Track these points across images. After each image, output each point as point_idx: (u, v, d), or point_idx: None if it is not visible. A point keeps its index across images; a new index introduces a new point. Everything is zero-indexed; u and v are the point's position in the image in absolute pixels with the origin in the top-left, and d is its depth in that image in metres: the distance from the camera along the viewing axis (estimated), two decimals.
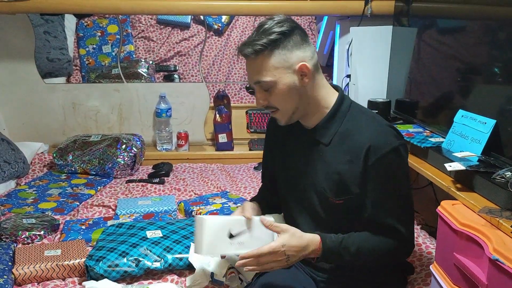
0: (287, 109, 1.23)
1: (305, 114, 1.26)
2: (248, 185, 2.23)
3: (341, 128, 1.25)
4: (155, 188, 2.22)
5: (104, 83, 2.91)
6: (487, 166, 1.29)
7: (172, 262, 1.47)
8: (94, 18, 3.25)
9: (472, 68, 1.70)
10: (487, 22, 1.58)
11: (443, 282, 1.21)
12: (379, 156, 1.18)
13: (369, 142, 1.19)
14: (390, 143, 1.20)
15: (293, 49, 1.19)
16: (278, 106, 1.23)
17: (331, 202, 1.25)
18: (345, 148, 1.23)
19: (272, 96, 1.21)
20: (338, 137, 1.24)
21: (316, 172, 1.27)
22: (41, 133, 2.69)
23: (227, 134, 2.67)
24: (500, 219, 1.09)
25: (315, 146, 1.28)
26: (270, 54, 1.18)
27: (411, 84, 2.13)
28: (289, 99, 1.22)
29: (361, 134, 1.21)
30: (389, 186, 1.21)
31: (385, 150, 1.18)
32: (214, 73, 3.32)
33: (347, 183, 1.22)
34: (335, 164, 1.23)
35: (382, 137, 1.20)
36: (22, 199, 2.05)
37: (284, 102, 1.22)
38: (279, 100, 1.22)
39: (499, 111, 1.45)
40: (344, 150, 1.23)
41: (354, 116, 1.26)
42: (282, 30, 1.18)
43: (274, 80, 1.19)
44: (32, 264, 1.44)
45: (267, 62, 1.18)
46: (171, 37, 3.31)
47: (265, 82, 1.20)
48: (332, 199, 1.25)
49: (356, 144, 1.21)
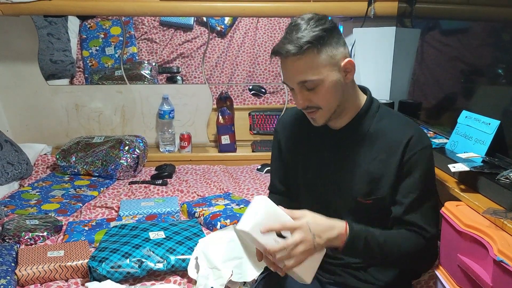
0: (330, 108, 1.20)
1: (340, 113, 1.24)
2: (251, 187, 2.23)
3: (372, 128, 1.24)
4: (158, 189, 2.22)
5: (107, 84, 2.92)
6: (491, 167, 1.28)
7: (175, 263, 1.47)
8: (97, 20, 3.26)
9: (475, 69, 1.69)
10: (491, 24, 1.58)
11: (447, 284, 1.20)
12: (416, 151, 1.20)
13: (407, 138, 1.20)
14: (426, 141, 1.23)
15: (337, 46, 1.17)
16: (322, 105, 1.19)
17: (360, 202, 1.23)
18: (378, 147, 1.23)
19: (317, 95, 1.17)
20: (369, 136, 1.24)
21: (344, 173, 1.25)
22: (44, 134, 2.69)
23: (230, 135, 2.67)
24: (505, 220, 1.09)
25: (343, 147, 1.26)
26: (317, 52, 1.13)
27: (415, 85, 2.12)
28: (333, 97, 1.18)
29: (397, 132, 1.22)
30: (421, 184, 1.21)
31: (422, 146, 1.20)
32: (217, 74, 3.33)
33: (379, 182, 1.22)
34: (366, 163, 1.23)
35: (419, 134, 1.22)
36: (25, 200, 2.06)
37: (328, 101, 1.18)
38: (323, 99, 1.18)
39: (503, 112, 1.44)
40: (377, 149, 1.22)
41: (385, 116, 1.26)
42: (325, 27, 1.14)
43: (321, 79, 1.15)
44: (35, 265, 1.45)
45: (314, 60, 1.14)
46: (174, 39, 3.32)
47: (311, 81, 1.15)
48: (361, 199, 1.23)
49: (392, 141, 1.21)
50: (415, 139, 1.21)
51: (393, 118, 1.27)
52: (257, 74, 3.36)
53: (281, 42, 1.15)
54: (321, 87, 1.16)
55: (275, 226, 1.08)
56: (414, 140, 1.20)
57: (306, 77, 1.15)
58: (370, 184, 1.23)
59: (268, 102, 3.27)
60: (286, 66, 1.17)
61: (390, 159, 1.21)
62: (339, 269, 1.29)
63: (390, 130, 1.23)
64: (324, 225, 1.11)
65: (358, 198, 1.24)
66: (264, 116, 2.98)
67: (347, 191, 1.25)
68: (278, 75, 3.29)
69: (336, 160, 1.27)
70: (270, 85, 3.30)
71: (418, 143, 1.21)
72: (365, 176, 1.23)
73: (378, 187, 1.22)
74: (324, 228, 1.11)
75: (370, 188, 1.23)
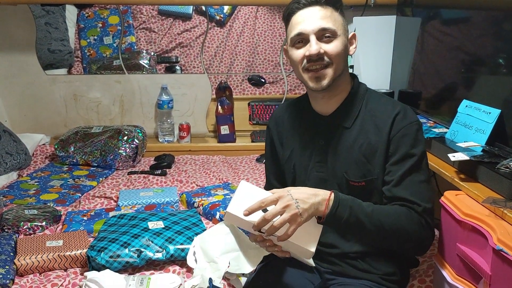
0: (338, 66, 1.23)
1: (333, 90, 1.26)
2: (250, 177, 2.22)
3: (361, 111, 1.27)
4: (157, 179, 2.22)
5: (105, 74, 2.90)
6: (492, 156, 1.27)
7: (174, 252, 1.47)
8: (95, 9, 3.23)
9: (476, 58, 1.68)
10: (492, 13, 1.57)
11: (446, 273, 1.20)
12: (402, 127, 1.21)
13: (393, 115, 1.22)
14: (412, 117, 1.24)
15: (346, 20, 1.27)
16: (334, 59, 1.21)
17: (352, 185, 1.24)
18: (367, 128, 1.24)
19: (331, 47, 1.21)
20: (359, 119, 1.26)
21: (337, 158, 1.27)
22: (42, 124, 2.69)
23: (229, 125, 2.66)
24: (504, 210, 1.08)
25: (334, 131, 1.28)
26: (336, 10, 1.23)
27: (415, 74, 2.11)
28: (342, 57, 1.23)
29: (384, 112, 1.24)
30: (409, 159, 1.20)
31: (408, 122, 1.22)
32: (216, 64, 3.31)
33: (370, 163, 1.23)
34: (357, 145, 1.24)
35: (405, 111, 1.24)
36: (24, 190, 2.05)
37: (339, 57, 1.22)
38: (337, 51, 1.21)
39: (504, 101, 1.43)
40: (367, 131, 1.24)
41: (372, 98, 1.29)
42: None
43: (338, 32, 1.22)
44: (34, 255, 1.44)
45: (334, 14, 1.23)
46: (173, 28, 3.29)
47: (331, 30, 1.20)
48: (353, 182, 1.24)
49: (379, 121, 1.24)
50: (401, 115, 1.23)
51: (380, 100, 1.29)
52: (256, 63, 3.34)
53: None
54: (336, 40, 1.22)
55: (255, 205, 1.08)
56: (400, 117, 1.23)
57: (328, 25, 1.21)
58: (363, 166, 1.24)
59: (268, 92, 3.26)
60: (308, 13, 1.22)
61: (379, 139, 1.23)
62: (337, 259, 1.29)
63: (378, 111, 1.26)
64: (308, 192, 1.11)
65: (351, 181, 1.25)
66: (263, 106, 2.97)
67: (341, 175, 1.26)
68: (278, 65, 3.27)
69: (330, 145, 1.28)
70: (269, 74, 3.28)
71: (404, 119, 1.23)
72: (358, 158, 1.24)
73: (370, 168, 1.23)
74: (307, 195, 1.10)
75: (363, 169, 1.24)
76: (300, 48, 1.22)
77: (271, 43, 3.33)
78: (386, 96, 1.33)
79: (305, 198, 1.10)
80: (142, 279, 1.37)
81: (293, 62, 1.26)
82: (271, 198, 1.09)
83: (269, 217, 1.07)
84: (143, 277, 1.39)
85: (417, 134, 1.23)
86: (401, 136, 1.21)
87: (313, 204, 1.10)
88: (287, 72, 3.09)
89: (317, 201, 1.11)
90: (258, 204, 1.08)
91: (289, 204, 1.08)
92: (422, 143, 1.24)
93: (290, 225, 1.08)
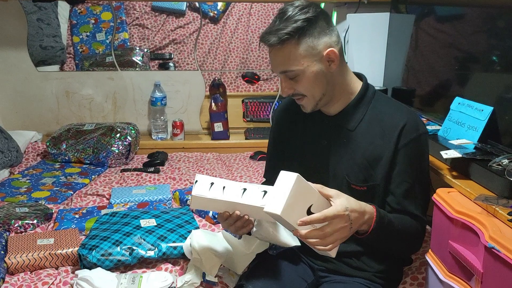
0: (314, 96, 1.21)
1: (330, 100, 1.25)
2: (244, 174, 2.22)
3: (367, 114, 1.25)
4: (150, 177, 2.20)
5: (98, 71, 2.88)
6: (484, 154, 1.27)
7: (166, 251, 1.46)
8: (87, 5, 3.21)
9: (469, 55, 1.68)
10: (486, 10, 1.56)
11: (438, 270, 1.20)
12: (411, 138, 1.20)
13: (402, 124, 1.20)
14: (421, 127, 1.23)
15: (320, 36, 1.17)
16: (305, 93, 1.21)
17: (353, 189, 1.23)
18: (373, 132, 1.23)
19: (299, 84, 1.19)
20: (365, 123, 1.24)
21: (339, 159, 1.26)
22: (34, 121, 2.66)
23: (223, 123, 2.65)
24: (496, 207, 1.08)
25: (338, 133, 1.27)
26: (296, 43, 1.15)
27: (408, 72, 2.11)
28: (316, 86, 1.20)
29: (392, 117, 1.22)
30: (414, 172, 1.21)
31: (417, 133, 1.21)
32: (210, 61, 3.30)
33: (374, 168, 1.22)
34: (361, 149, 1.23)
35: (414, 121, 1.22)
36: (15, 188, 2.04)
37: (311, 89, 1.20)
38: (306, 87, 1.20)
39: (496, 99, 1.43)
40: (372, 135, 1.23)
41: (381, 102, 1.27)
42: (308, 16, 1.14)
43: (301, 69, 1.17)
44: (24, 253, 1.43)
45: (293, 51, 1.15)
46: (166, 25, 3.27)
47: (292, 72, 1.17)
48: (355, 186, 1.23)
49: (386, 126, 1.22)
50: (410, 125, 1.21)
51: (388, 104, 1.27)
52: (250, 60, 3.33)
53: (266, 31, 1.18)
54: (302, 77, 1.18)
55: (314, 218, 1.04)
56: (408, 126, 1.21)
57: (286, 67, 1.18)
58: (366, 170, 1.23)
59: (262, 89, 3.25)
60: (270, 55, 1.20)
61: (384, 145, 1.21)
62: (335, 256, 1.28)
63: (385, 116, 1.24)
64: (359, 210, 1.09)
65: (352, 184, 1.24)
66: (257, 103, 2.96)
67: (343, 178, 1.25)
68: None
69: (332, 146, 1.27)
70: (263, 71, 3.27)
71: (413, 129, 1.21)
72: (361, 162, 1.23)
73: (373, 173, 1.23)
74: (359, 214, 1.09)
75: (365, 174, 1.23)
76: None
77: None
78: (394, 100, 1.31)
79: (357, 218, 1.09)
80: (134, 277, 1.37)
81: None
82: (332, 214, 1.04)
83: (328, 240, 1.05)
84: (134, 275, 1.38)
85: (425, 146, 1.23)
86: (409, 148, 1.20)
87: (361, 224, 1.11)
88: None
89: (363, 221, 1.11)
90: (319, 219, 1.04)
91: (345, 226, 1.06)
92: (427, 154, 1.26)
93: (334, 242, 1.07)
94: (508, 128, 1.36)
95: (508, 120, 1.36)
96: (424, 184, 1.25)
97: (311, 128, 1.31)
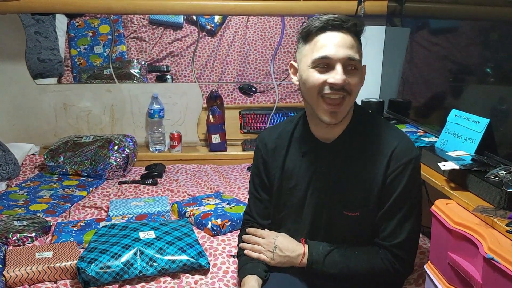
0: (354, 98, 1.20)
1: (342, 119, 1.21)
2: (241, 186, 2.22)
3: (363, 139, 1.23)
4: (148, 189, 2.20)
5: (96, 83, 2.89)
6: (481, 165, 1.29)
7: (164, 265, 1.46)
8: (85, 18, 3.23)
9: (464, 68, 1.70)
10: (480, 23, 1.59)
11: (438, 282, 1.21)
12: (399, 165, 1.19)
13: (391, 150, 1.19)
14: (410, 152, 1.20)
15: None
16: (354, 89, 1.17)
17: (346, 215, 1.23)
18: (365, 158, 1.22)
19: (353, 78, 1.16)
20: (361, 148, 1.23)
21: (335, 186, 1.24)
22: (32, 134, 2.66)
23: (220, 134, 2.66)
24: (494, 218, 1.09)
25: (335, 159, 1.24)
26: (360, 41, 1.20)
27: (404, 84, 2.13)
28: (360, 86, 1.20)
29: (382, 142, 1.21)
30: (404, 201, 1.20)
31: (406, 159, 1.19)
32: (207, 73, 3.31)
33: (367, 193, 1.21)
34: (358, 175, 1.22)
35: (403, 146, 1.20)
36: (13, 200, 2.03)
37: (358, 88, 1.19)
38: (357, 83, 1.17)
39: (492, 111, 1.45)
40: (365, 160, 1.22)
41: (375, 125, 1.26)
42: None
43: (360, 62, 1.19)
44: (23, 267, 1.42)
45: (359, 45, 1.19)
46: (164, 38, 3.30)
47: (354, 60, 1.15)
48: (347, 212, 1.23)
49: (377, 151, 1.21)
50: (399, 150, 1.19)
51: (380, 128, 1.25)
52: (247, 73, 3.35)
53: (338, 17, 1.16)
54: (358, 73, 1.18)
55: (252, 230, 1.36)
56: (397, 152, 1.19)
57: (355, 56, 1.16)
58: (360, 195, 1.22)
59: (259, 101, 3.27)
60: (336, 38, 1.15)
61: (375, 170, 1.20)
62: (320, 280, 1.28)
63: (376, 140, 1.22)
64: (288, 246, 1.27)
65: (345, 211, 1.23)
66: (254, 115, 2.98)
67: (337, 204, 1.24)
68: (268, 74, 3.28)
69: (329, 173, 1.25)
70: (260, 84, 3.29)
71: (402, 155, 1.19)
72: (356, 187, 1.22)
73: (366, 199, 1.22)
74: (287, 248, 1.27)
75: (359, 199, 1.22)
76: (322, 72, 1.15)
77: (261, 52, 3.34)
78: (388, 123, 1.30)
79: (283, 250, 1.27)
80: None
81: (308, 83, 1.18)
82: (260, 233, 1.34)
83: (251, 244, 1.34)
84: None
85: (412, 173, 1.20)
86: (395, 177, 1.19)
87: (287, 259, 1.27)
88: (277, 81, 3.10)
89: (292, 256, 1.26)
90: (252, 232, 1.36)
91: (268, 247, 1.29)
92: (417, 184, 1.23)
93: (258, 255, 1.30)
94: (504, 140, 1.38)
95: (504, 132, 1.38)
96: (412, 219, 1.22)
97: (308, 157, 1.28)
